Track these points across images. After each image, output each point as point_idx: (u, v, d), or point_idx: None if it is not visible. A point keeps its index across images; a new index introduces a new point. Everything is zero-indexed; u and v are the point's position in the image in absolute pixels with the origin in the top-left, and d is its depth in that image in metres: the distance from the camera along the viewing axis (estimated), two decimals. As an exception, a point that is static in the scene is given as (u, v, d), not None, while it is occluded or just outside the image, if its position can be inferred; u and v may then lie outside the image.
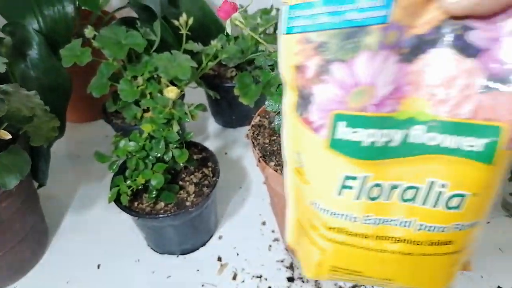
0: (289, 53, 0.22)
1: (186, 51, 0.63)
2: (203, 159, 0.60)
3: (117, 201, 0.53)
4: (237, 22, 0.39)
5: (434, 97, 0.22)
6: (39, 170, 0.60)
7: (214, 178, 0.57)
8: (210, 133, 0.82)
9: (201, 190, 0.56)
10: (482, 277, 0.54)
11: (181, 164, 0.54)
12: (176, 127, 0.55)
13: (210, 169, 0.59)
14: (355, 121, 0.23)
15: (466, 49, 0.21)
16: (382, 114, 0.23)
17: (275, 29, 0.71)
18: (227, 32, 0.39)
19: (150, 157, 0.53)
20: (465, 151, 0.23)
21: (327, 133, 0.24)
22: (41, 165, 0.60)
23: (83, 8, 0.69)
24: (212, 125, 0.83)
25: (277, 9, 0.72)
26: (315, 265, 0.30)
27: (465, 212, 0.24)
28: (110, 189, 0.54)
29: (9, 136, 0.41)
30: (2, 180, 0.46)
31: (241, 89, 0.55)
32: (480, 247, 0.56)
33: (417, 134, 0.23)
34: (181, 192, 0.56)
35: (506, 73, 0.21)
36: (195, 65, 0.60)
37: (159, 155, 0.52)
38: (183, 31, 0.62)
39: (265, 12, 0.73)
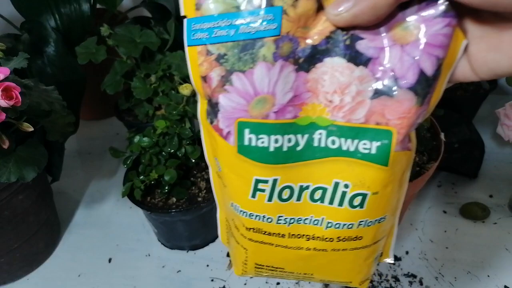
0: (194, 64, 0.24)
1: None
2: (214, 156, 0.61)
3: (130, 195, 0.55)
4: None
5: (331, 103, 0.24)
6: (53, 165, 0.61)
7: (225, 175, 0.57)
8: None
9: (212, 186, 0.57)
10: (488, 276, 0.55)
11: (193, 160, 0.55)
12: (188, 124, 0.57)
13: (221, 166, 0.60)
14: (258, 128, 0.24)
15: (356, 57, 0.23)
16: (284, 120, 0.24)
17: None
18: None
19: (164, 153, 0.54)
20: (362, 154, 0.25)
21: (234, 140, 0.25)
22: (55, 160, 0.61)
23: (97, 7, 0.71)
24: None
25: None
26: (241, 263, 0.32)
27: (368, 209, 0.26)
28: (123, 184, 0.56)
29: (31, 129, 0.42)
30: (21, 173, 0.47)
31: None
32: (487, 248, 0.57)
33: (320, 138, 0.25)
34: (193, 188, 0.57)
35: (392, 81, 0.23)
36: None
37: (172, 151, 0.53)
38: (196, 31, 0.63)
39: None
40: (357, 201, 0.26)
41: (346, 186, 0.26)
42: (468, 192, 0.66)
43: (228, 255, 0.60)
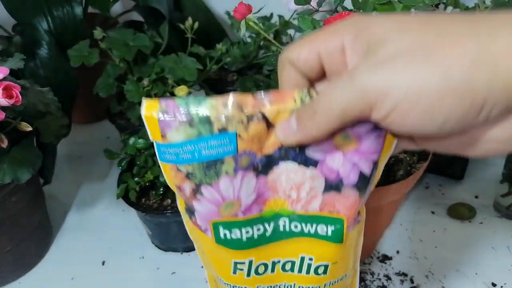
0: (168, 175, 0.27)
1: (191, 55, 0.65)
2: (208, 159, 0.62)
3: (125, 197, 0.55)
4: (251, 23, 0.41)
5: (290, 197, 0.28)
6: (45, 167, 0.61)
7: (219, 177, 0.58)
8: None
9: (207, 188, 0.58)
10: (476, 274, 0.56)
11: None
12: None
13: (214, 168, 0.61)
14: (230, 226, 0.29)
15: (306, 161, 0.27)
16: (251, 216, 0.29)
17: (275, 36, 0.73)
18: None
19: (158, 154, 0.54)
20: (321, 235, 0.30)
21: (211, 234, 0.29)
22: (47, 162, 0.61)
23: (88, 11, 0.71)
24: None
25: (279, 16, 0.74)
26: None
27: (331, 274, 0.32)
28: (118, 186, 0.56)
29: (29, 128, 0.42)
30: (15, 174, 0.47)
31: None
32: (474, 246, 0.59)
33: (284, 224, 0.30)
34: (187, 189, 0.57)
35: (337, 180, 0.27)
36: (201, 67, 0.62)
37: (167, 152, 0.53)
38: (189, 35, 0.64)
39: (266, 19, 0.75)
40: (320, 269, 0.31)
41: (310, 259, 0.31)
42: (455, 193, 0.68)
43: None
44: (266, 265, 0.32)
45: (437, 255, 0.59)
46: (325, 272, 0.31)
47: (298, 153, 0.27)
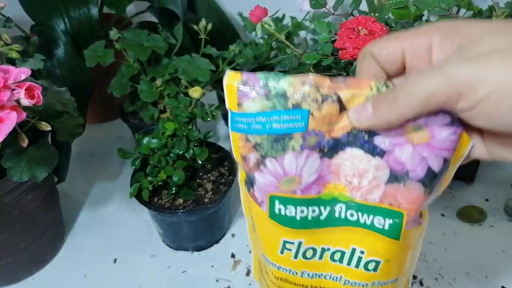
0: (236, 145, 0.28)
1: (203, 55, 0.66)
2: (219, 159, 0.63)
3: (138, 196, 0.55)
4: (266, 26, 0.42)
5: (351, 184, 0.28)
6: (60, 166, 0.62)
7: (230, 177, 0.59)
8: (221, 135, 0.84)
9: (218, 188, 0.58)
10: (486, 277, 0.56)
11: (200, 162, 0.56)
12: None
13: (226, 168, 0.61)
14: (287, 201, 0.29)
15: (373, 150, 0.27)
16: (309, 196, 0.29)
17: (287, 37, 0.73)
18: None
19: (172, 154, 0.55)
20: (377, 227, 0.29)
21: (267, 208, 0.30)
22: (62, 160, 0.62)
23: (104, 12, 0.72)
24: (223, 128, 0.85)
25: (291, 17, 0.75)
26: None
27: (381, 273, 0.31)
28: (131, 185, 0.56)
29: (49, 128, 0.43)
30: (32, 172, 0.48)
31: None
32: (484, 249, 0.59)
33: (340, 211, 0.29)
34: (199, 189, 0.58)
35: (403, 172, 0.27)
36: (214, 68, 0.63)
37: (180, 152, 0.54)
38: (202, 36, 0.65)
39: (278, 20, 0.76)
40: (371, 266, 0.30)
41: (362, 252, 0.30)
42: (465, 196, 0.68)
43: (232, 255, 0.61)
44: (315, 250, 0.31)
45: (446, 257, 0.59)
46: (375, 269, 0.30)
47: (367, 141, 0.27)
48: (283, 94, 0.25)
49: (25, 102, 0.37)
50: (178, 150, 0.54)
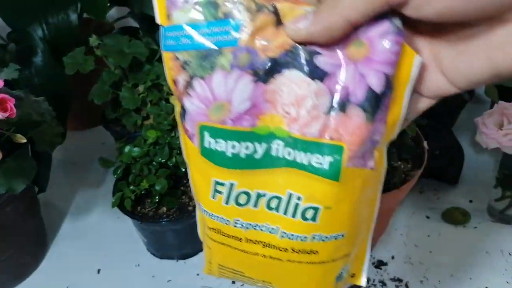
0: (167, 67, 0.26)
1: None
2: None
3: (120, 206, 0.55)
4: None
5: (288, 115, 0.25)
6: (40, 176, 0.60)
7: (214, 184, 0.58)
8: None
9: (202, 195, 0.58)
10: (471, 278, 0.57)
11: (183, 169, 0.56)
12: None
13: (210, 175, 0.61)
14: (216, 133, 0.26)
15: (314, 72, 0.24)
16: (241, 128, 0.26)
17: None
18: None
19: (154, 162, 0.54)
20: (315, 167, 0.25)
21: (198, 142, 0.27)
22: (42, 170, 0.60)
23: (85, 17, 0.71)
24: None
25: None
26: (207, 262, 0.32)
27: (322, 224, 0.26)
28: (113, 194, 0.56)
29: (24, 140, 0.42)
30: (10, 184, 0.47)
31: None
32: (468, 250, 0.59)
33: (277, 148, 0.26)
34: (183, 197, 0.57)
35: (345, 97, 0.24)
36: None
37: (163, 160, 0.53)
38: (184, 41, 0.64)
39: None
40: (309, 214, 0.26)
41: (298, 198, 0.26)
42: (449, 198, 0.68)
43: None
44: (249, 195, 0.27)
45: (431, 260, 0.59)
46: (314, 218, 0.26)
47: (307, 60, 0.24)
48: (213, 2, 0.23)
49: (-2, 115, 0.36)
50: (160, 159, 0.53)
